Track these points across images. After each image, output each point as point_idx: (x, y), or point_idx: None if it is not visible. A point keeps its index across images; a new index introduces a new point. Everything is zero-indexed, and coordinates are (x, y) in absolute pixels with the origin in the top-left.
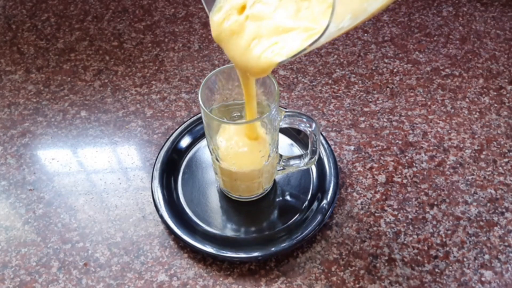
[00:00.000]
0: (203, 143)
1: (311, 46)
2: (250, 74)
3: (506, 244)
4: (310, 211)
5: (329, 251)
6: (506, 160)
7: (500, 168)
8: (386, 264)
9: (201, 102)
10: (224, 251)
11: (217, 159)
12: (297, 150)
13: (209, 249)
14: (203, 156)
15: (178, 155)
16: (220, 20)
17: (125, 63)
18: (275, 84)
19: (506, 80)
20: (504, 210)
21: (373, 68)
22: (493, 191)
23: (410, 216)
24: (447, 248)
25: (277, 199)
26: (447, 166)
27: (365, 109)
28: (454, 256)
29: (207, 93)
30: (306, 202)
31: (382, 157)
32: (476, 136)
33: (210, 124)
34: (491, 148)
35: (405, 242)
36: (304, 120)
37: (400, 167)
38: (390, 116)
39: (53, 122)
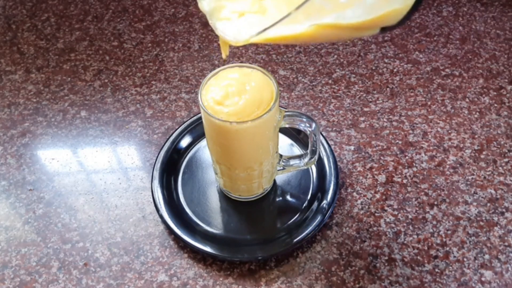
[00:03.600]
0: (203, 143)
1: (273, 26)
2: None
3: (506, 244)
4: (310, 211)
5: (329, 251)
6: (506, 160)
7: (500, 168)
8: (386, 264)
9: (201, 102)
10: (224, 251)
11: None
12: (297, 150)
13: (209, 249)
14: (203, 156)
15: (178, 155)
16: None
17: (125, 63)
18: (275, 84)
19: (506, 80)
20: (504, 210)
21: (373, 68)
22: (493, 191)
23: (410, 216)
24: (447, 248)
25: (277, 199)
26: (447, 166)
27: (365, 109)
28: (454, 256)
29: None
30: (306, 202)
31: (382, 157)
32: (476, 136)
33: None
34: (491, 148)
35: (405, 242)
36: (304, 120)
37: (400, 167)
38: (390, 116)
39: (53, 122)
